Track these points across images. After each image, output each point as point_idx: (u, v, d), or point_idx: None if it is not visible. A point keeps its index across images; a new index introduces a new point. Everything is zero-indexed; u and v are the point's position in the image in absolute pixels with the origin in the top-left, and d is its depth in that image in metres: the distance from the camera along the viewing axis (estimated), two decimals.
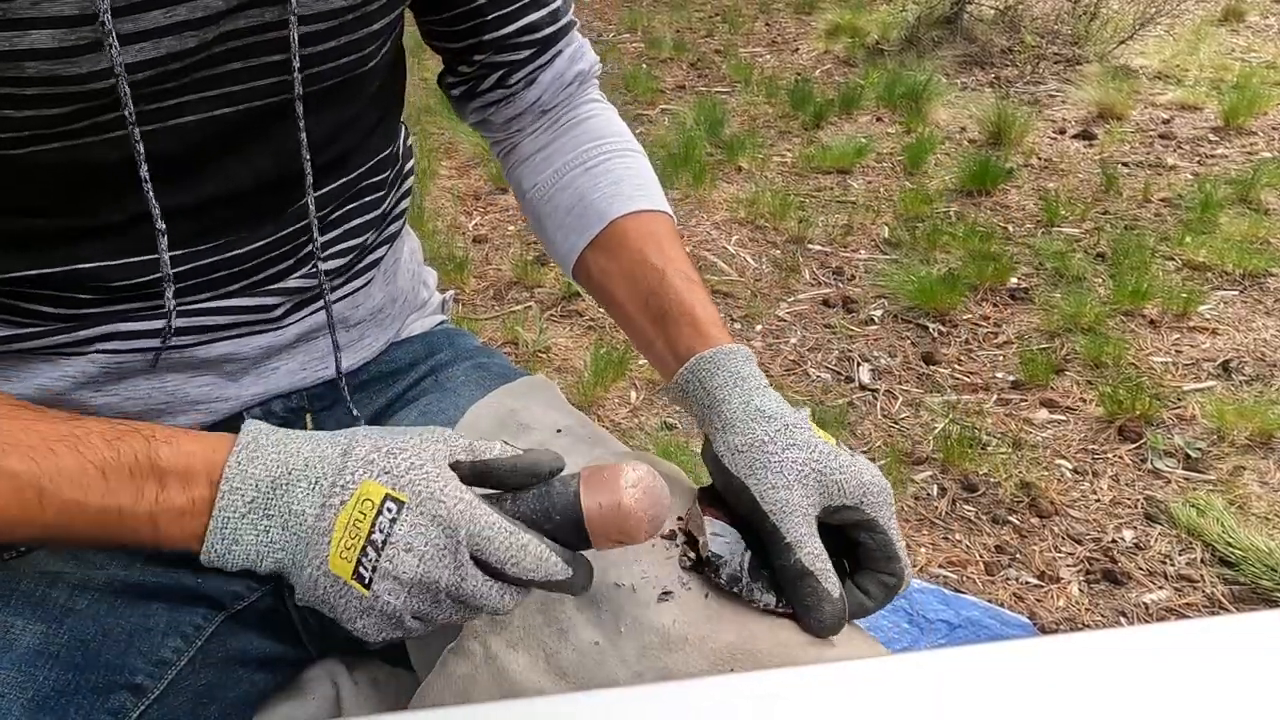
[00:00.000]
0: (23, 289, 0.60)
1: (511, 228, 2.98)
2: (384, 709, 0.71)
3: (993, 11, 4.61)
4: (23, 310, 0.61)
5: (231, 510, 0.49)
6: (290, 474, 0.50)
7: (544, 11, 0.75)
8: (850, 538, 0.62)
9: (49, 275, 0.60)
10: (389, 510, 0.49)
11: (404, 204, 0.78)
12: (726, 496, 0.62)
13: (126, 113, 0.53)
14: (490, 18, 0.72)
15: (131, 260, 0.60)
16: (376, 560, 0.48)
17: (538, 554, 0.50)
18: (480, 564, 0.50)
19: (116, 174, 0.56)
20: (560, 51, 0.77)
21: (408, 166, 0.79)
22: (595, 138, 0.78)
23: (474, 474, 0.53)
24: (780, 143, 3.59)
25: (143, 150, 0.55)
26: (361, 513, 0.49)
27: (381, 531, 0.48)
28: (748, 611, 0.58)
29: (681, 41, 4.73)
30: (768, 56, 4.60)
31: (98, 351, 0.63)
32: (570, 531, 0.52)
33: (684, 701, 0.38)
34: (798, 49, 4.69)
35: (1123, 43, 4.26)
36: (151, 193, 0.57)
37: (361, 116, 0.68)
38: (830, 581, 0.57)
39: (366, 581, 0.49)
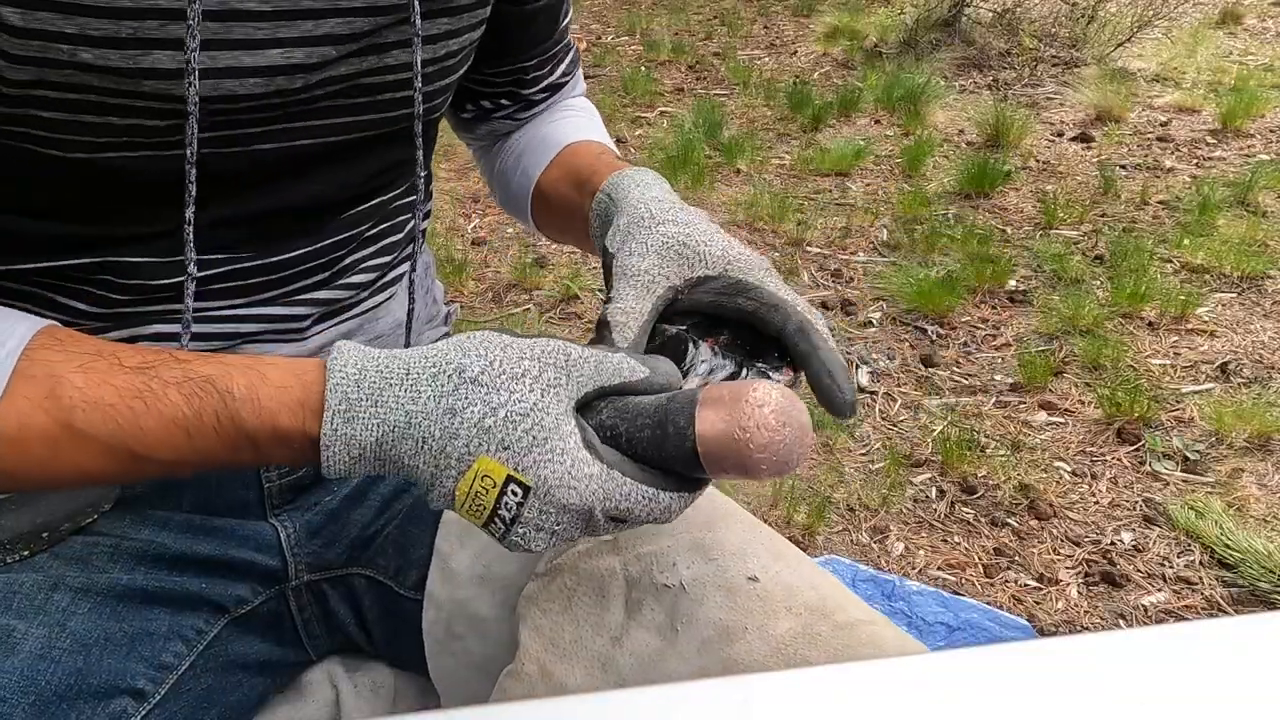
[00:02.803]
0: (57, 281, 0.61)
1: (510, 230, 2.98)
2: (383, 712, 0.71)
3: (991, 14, 4.62)
4: (56, 304, 0.62)
5: (340, 464, 0.47)
6: (393, 432, 0.45)
7: (565, 64, 0.85)
8: (740, 317, 0.57)
9: (87, 266, 0.60)
10: (514, 493, 0.45)
11: (425, 223, 0.81)
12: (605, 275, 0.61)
13: (186, 137, 0.55)
14: (529, 77, 0.82)
15: (173, 260, 0.61)
16: (506, 531, 0.46)
17: (666, 507, 0.47)
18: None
19: (184, 184, 0.59)
20: (564, 87, 0.87)
21: (431, 187, 0.82)
22: (565, 105, 0.87)
23: (603, 399, 0.48)
24: (779, 145, 3.60)
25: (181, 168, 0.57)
26: (483, 487, 0.45)
27: (508, 510, 0.45)
28: (797, 599, 0.58)
29: (680, 44, 4.74)
30: (766, 59, 4.61)
31: None
32: (685, 463, 0.46)
33: (680, 704, 0.38)
34: (796, 51, 4.70)
35: (1120, 45, 4.27)
36: (189, 209, 0.58)
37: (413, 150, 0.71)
38: (620, 333, 0.54)
39: (499, 535, 0.47)
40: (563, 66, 0.84)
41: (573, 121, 0.83)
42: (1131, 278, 2.54)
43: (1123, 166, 3.30)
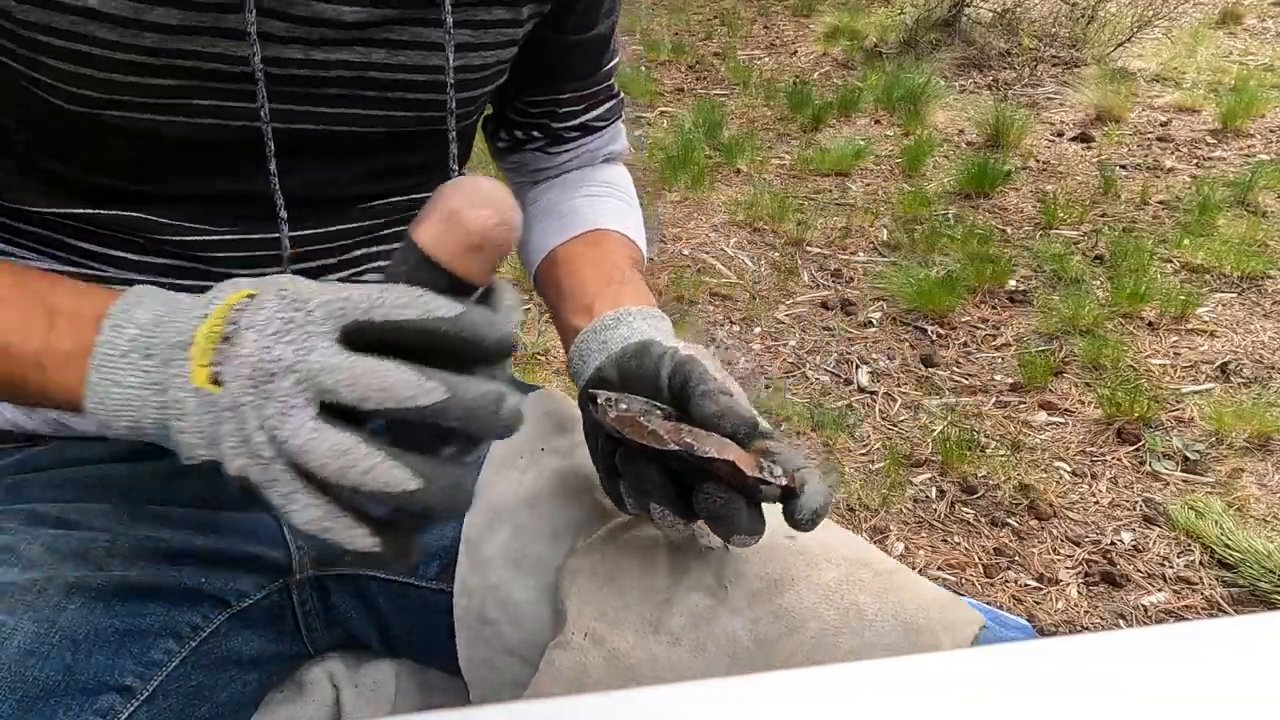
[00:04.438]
0: (68, 224, 0.62)
1: None
2: (384, 713, 0.71)
3: (991, 14, 4.62)
4: (66, 246, 0.63)
5: (111, 348, 0.46)
6: (175, 310, 0.46)
7: (604, 108, 0.84)
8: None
9: (97, 216, 0.61)
10: (240, 306, 0.44)
11: None
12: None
13: (262, 110, 0.57)
14: (562, 110, 0.82)
15: (183, 223, 0.63)
16: (227, 349, 0.43)
17: (413, 293, 0.42)
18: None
19: (196, 150, 0.60)
20: (603, 134, 0.86)
21: None
22: (606, 180, 0.87)
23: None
24: (779, 145, 3.60)
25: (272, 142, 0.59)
26: (219, 318, 0.44)
27: (232, 325, 0.43)
28: (835, 552, 0.61)
29: (680, 44, 4.74)
30: (766, 59, 4.61)
31: None
32: (427, 283, 0.43)
33: (685, 703, 0.38)
34: (796, 51, 4.70)
35: (1121, 45, 4.27)
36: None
37: (420, 157, 0.72)
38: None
39: (219, 378, 0.43)
40: (599, 110, 0.84)
41: (608, 205, 0.83)
42: (1131, 278, 2.54)
43: (1123, 166, 3.30)
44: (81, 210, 0.61)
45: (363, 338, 0.42)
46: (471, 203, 0.42)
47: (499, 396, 0.42)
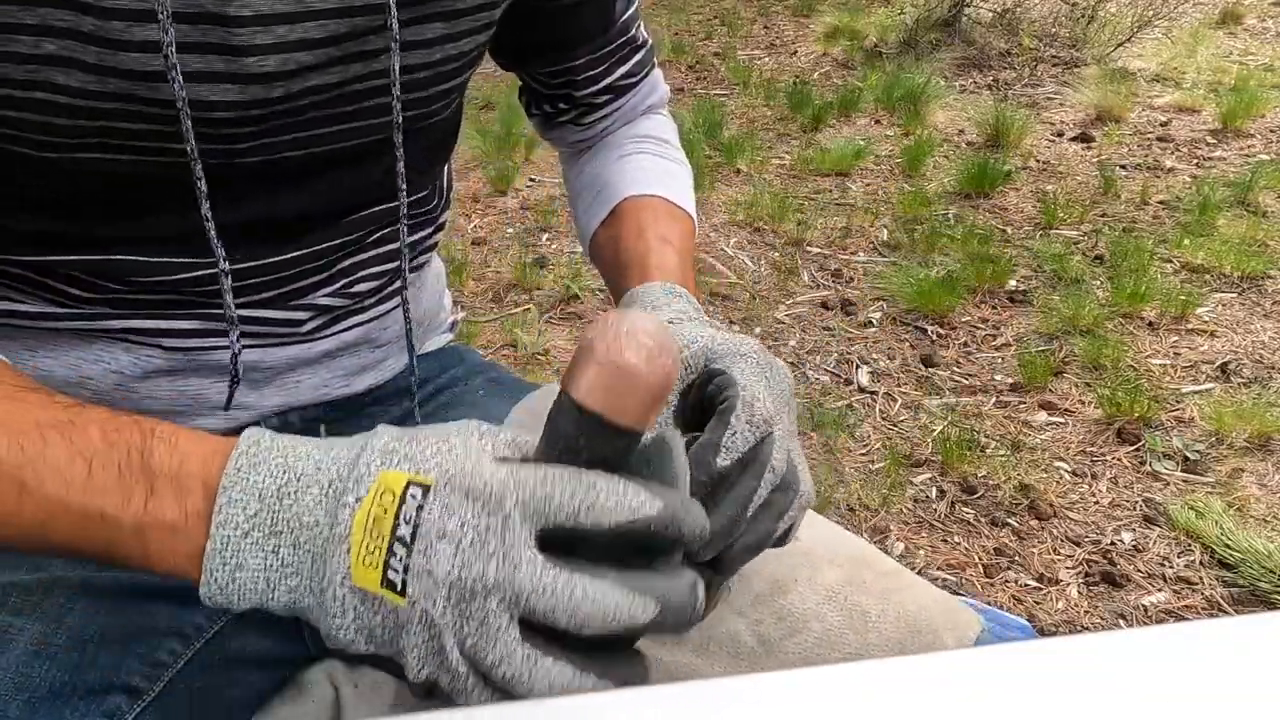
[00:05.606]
0: (50, 269, 0.61)
1: (510, 230, 2.99)
2: (383, 713, 0.71)
3: (991, 14, 4.62)
4: (49, 288, 0.62)
5: (231, 527, 0.41)
6: (299, 479, 0.42)
7: (631, 64, 0.80)
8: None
9: (78, 262, 0.61)
10: (413, 497, 0.39)
11: (439, 235, 0.81)
12: None
13: (189, 147, 0.55)
14: (581, 78, 0.78)
15: (167, 260, 0.62)
16: (407, 559, 0.39)
17: (592, 483, 0.39)
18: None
19: (172, 190, 0.58)
20: (637, 91, 0.83)
21: (447, 198, 0.81)
22: (640, 135, 0.83)
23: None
24: (779, 145, 3.60)
25: (202, 178, 0.56)
26: (382, 507, 0.40)
27: (408, 523, 0.39)
28: (839, 552, 0.62)
29: (680, 44, 4.74)
30: (766, 59, 4.61)
31: (124, 343, 0.64)
32: (600, 444, 0.40)
33: (685, 702, 0.38)
34: (796, 51, 4.70)
35: (1121, 45, 4.27)
36: (209, 215, 0.58)
37: (417, 158, 0.71)
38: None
39: (399, 587, 0.39)
40: (625, 67, 0.79)
41: (636, 164, 0.79)
42: (1131, 278, 2.54)
43: (1123, 166, 3.30)
44: (64, 257, 0.60)
45: (559, 535, 0.39)
46: (646, 355, 0.39)
47: (694, 589, 0.41)
